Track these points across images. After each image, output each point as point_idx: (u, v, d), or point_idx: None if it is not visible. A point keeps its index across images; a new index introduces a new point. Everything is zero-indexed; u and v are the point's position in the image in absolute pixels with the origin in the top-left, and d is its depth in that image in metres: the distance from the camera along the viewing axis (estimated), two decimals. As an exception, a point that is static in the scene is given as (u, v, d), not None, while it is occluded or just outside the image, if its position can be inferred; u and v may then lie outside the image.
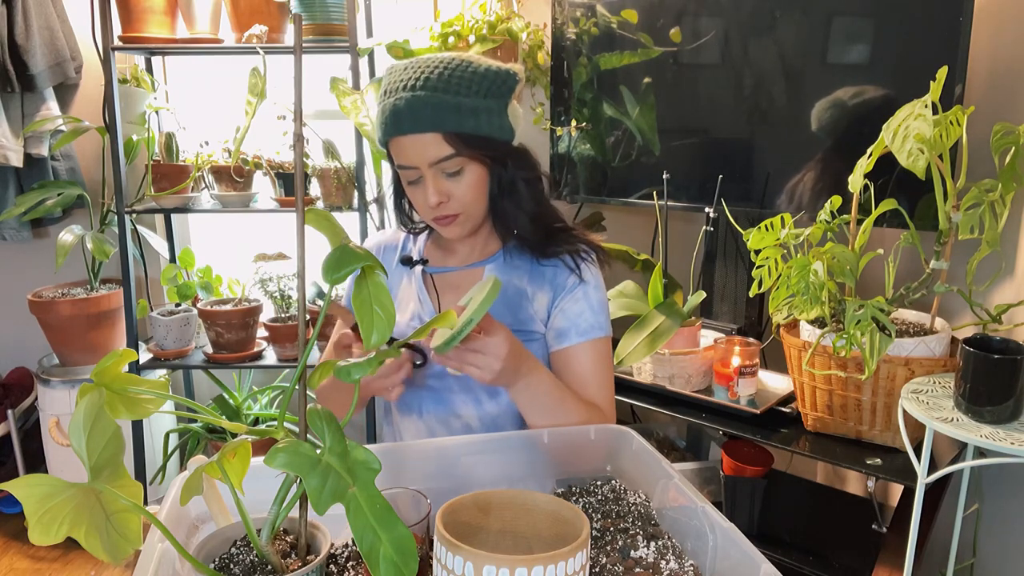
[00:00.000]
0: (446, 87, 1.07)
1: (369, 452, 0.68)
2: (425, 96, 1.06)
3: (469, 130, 1.08)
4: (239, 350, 2.24)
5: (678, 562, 0.85)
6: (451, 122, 1.07)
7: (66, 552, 2.28)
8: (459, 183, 1.11)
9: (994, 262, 1.45)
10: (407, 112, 1.07)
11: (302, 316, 0.73)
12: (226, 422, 0.76)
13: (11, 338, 2.55)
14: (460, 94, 1.07)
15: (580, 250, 1.23)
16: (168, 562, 0.77)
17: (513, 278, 1.22)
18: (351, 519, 0.63)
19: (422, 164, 1.09)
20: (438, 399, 1.22)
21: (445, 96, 1.06)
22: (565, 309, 1.20)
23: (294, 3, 2.10)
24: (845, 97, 1.61)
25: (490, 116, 1.09)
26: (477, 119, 1.08)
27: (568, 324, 1.19)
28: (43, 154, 2.29)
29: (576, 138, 2.10)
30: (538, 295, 1.21)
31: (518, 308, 1.21)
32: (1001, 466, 1.42)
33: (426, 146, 1.08)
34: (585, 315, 1.19)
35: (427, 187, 1.11)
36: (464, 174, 1.11)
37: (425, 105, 1.06)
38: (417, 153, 1.09)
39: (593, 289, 1.22)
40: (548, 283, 1.21)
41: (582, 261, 1.22)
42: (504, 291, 1.21)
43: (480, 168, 1.12)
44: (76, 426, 0.64)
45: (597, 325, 1.20)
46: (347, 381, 0.70)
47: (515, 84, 1.12)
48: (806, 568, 1.52)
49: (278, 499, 0.73)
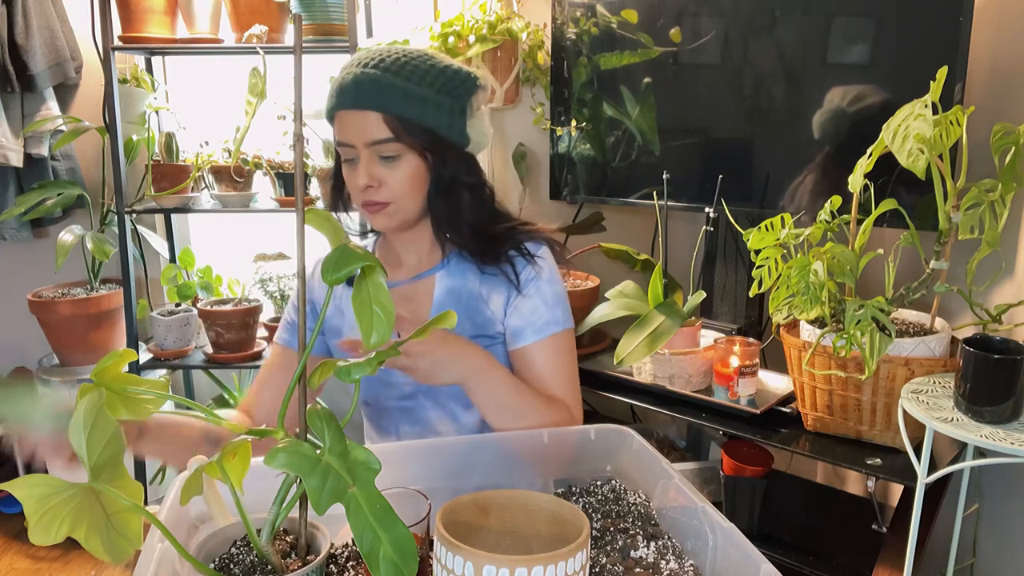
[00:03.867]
0: (398, 71, 1.05)
1: (369, 452, 0.67)
2: (375, 75, 1.05)
3: (412, 117, 1.06)
4: (239, 350, 2.24)
5: (678, 562, 0.85)
6: (395, 105, 1.05)
7: (66, 552, 2.28)
8: (394, 171, 1.09)
9: (994, 262, 1.45)
10: (352, 87, 1.05)
11: (302, 316, 0.73)
12: (226, 422, 0.76)
13: (11, 338, 2.55)
14: (411, 81, 1.05)
15: (524, 252, 1.19)
16: (168, 562, 0.77)
17: (466, 282, 1.19)
18: (351, 519, 0.63)
19: (358, 143, 1.07)
20: (413, 419, 1.21)
21: (395, 79, 1.05)
22: (519, 307, 1.17)
23: (294, 3, 2.10)
24: (845, 97, 1.61)
25: (438, 110, 1.07)
26: (423, 108, 1.06)
27: (523, 323, 1.17)
28: (43, 154, 2.29)
29: (576, 138, 2.10)
30: (492, 296, 1.18)
31: (475, 312, 1.18)
32: (1001, 466, 1.42)
33: (366, 124, 1.06)
34: (539, 311, 1.16)
35: (360, 168, 1.08)
36: (400, 162, 1.08)
37: (372, 83, 1.05)
38: (355, 130, 1.07)
39: (546, 283, 1.18)
40: (501, 282, 1.19)
41: (527, 262, 1.19)
42: (459, 296, 1.19)
43: (417, 160, 1.09)
44: (76, 426, 0.64)
45: (553, 320, 1.17)
46: (347, 381, 0.70)
47: (473, 86, 1.09)
48: (806, 568, 1.52)
49: (278, 499, 0.73)
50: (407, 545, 0.64)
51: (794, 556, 1.55)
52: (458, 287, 1.19)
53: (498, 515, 0.80)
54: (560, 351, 1.18)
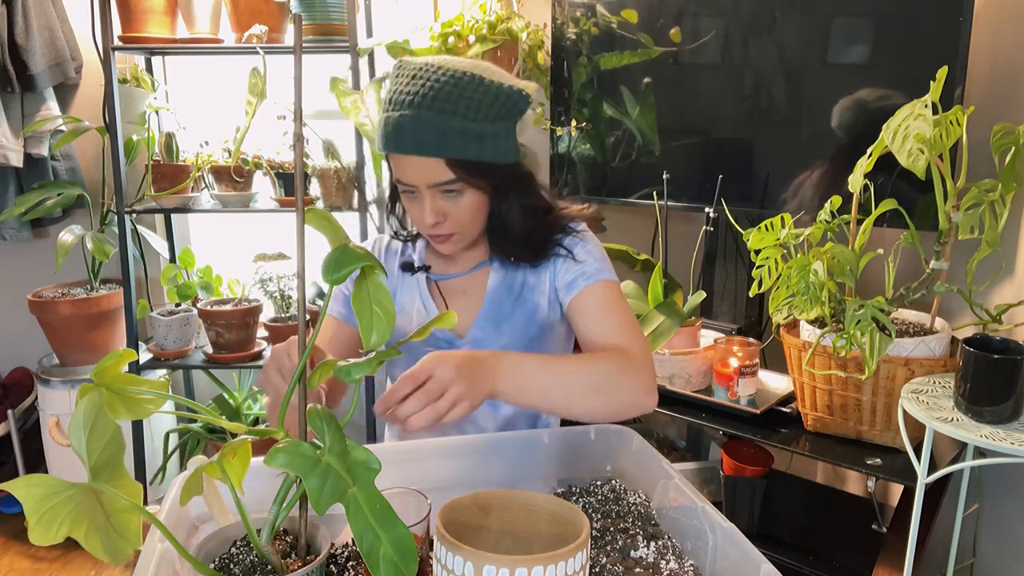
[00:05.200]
0: (454, 108, 1.01)
1: (369, 452, 0.67)
2: (430, 117, 1.01)
3: (472, 157, 1.04)
4: (239, 350, 2.24)
5: (678, 562, 0.85)
6: (455, 148, 1.02)
7: (66, 552, 2.28)
8: (457, 204, 1.08)
9: (994, 262, 1.45)
10: (410, 132, 1.02)
11: (302, 316, 0.73)
12: (226, 422, 0.76)
13: (11, 338, 2.55)
14: (467, 118, 1.02)
15: (568, 231, 1.20)
16: (168, 562, 0.77)
17: (519, 270, 1.21)
18: (351, 519, 0.63)
19: (420, 184, 1.06)
20: None
21: (451, 120, 1.01)
22: (568, 266, 1.17)
23: (294, 3, 2.10)
24: (845, 97, 1.61)
25: (496, 141, 1.05)
26: (482, 145, 1.03)
27: (574, 275, 1.16)
28: (43, 154, 2.29)
29: (576, 138, 2.10)
30: (543, 276, 1.20)
31: (527, 301, 1.20)
32: (1001, 466, 1.42)
33: (427, 168, 1.04)
34: (589, 262, 1.17)
35: (424, 205, 1.08)
36: (463, 196, 1.08)
37: (428, 127, 1.01)
38: (417, 174, 1.06)
39: (592, 244, 1.20)
40: (550, 262, 1.20)
41: (573, 238, 1.20)
42: (511, 286, 1.20)
43: (480, 193, 1.09)
44: (76, 426, 0.64)
45: (604, 269, 1.17)
46: (347, 381, 0.70)
47: (526, 106, 1.07)
48: (806, 568, 1.52)
49: (278, 499, 0.73)
50: (407, 545, 0.63)
51: (794, 556, 1.55)
52: (510, 277, 1.20)
53: (498, 515, 0.80)
54: (614, 297, 1.16)
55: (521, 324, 1.19)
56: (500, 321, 1.19)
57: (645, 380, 1.05)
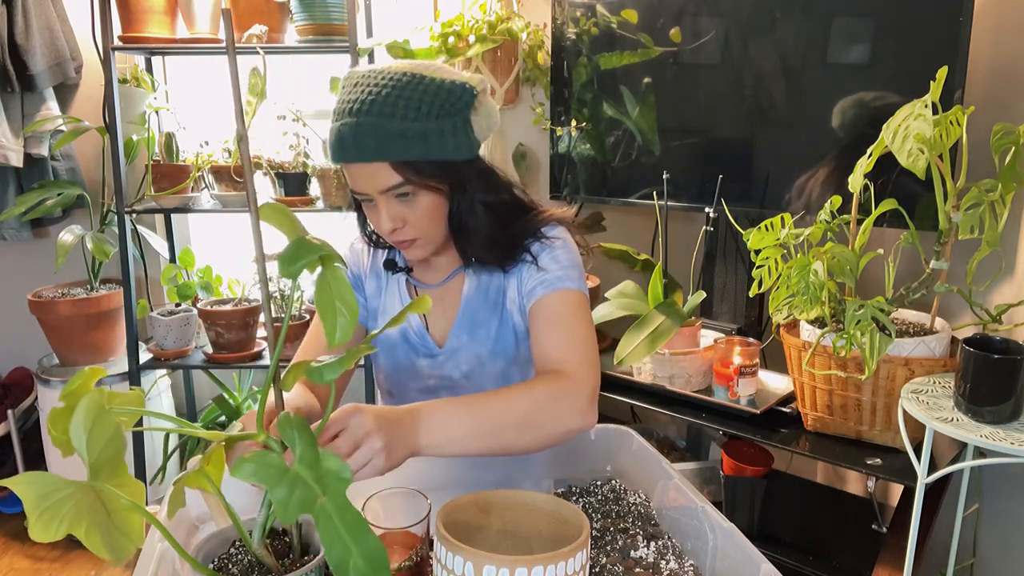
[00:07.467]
0: (392, 111, 1.00)
1: (340, 462, 0.65)
2: (368, 123, 1.00)
3: (418, 157, 1.02)
4: (239, 350, 2.24)
5: (678, 562, 0.85)
6: (396, 150, 1.01)
7: (66, 552, 2.28)
8: (413, 208, 1.07)
9: (994, 262, 1.45)
10: (351, 140, 1.01)
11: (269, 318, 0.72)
12: (202, 431, 0.73)
13: (11, 338, 2.55)
14: (407, 118, 1.00)
15: (540, 236, 1.17)
16: (168, 562, 0.77)
17: (492, 274, 1.19)
18: (320, 530, 0.61)
19: (372, 191, 1.05)
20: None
21: (390, 122, 1.00)
22: (532, 273, 1.15)
23: (294, 3, 2.10)
24: (845, 97, 1.61)
25: (442, 138, 1.03)
26: (427, 144, 1.02)
27: (536, 281, 1.14)
28: (43, 154, 2.30)
29: (576, 138, 2.10)
30: (511, 283, 1.18)
31: (502, 308, 1.19)
32: (1001, 466, 1.42)
33: (374, 175, 1.03)
34: (552, 269, 1.14)
35: (380, 212, 1.07)
36: (418, 199, 1.06)
37: (369, 133, 1.00)
38: (366, 182, 1.05)
39: (560, 250, 1.16)
40: (522, 267, 1.18)
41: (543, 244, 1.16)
42: (485, 291, 1.19)
43: (435, 195, 1.07)
44: (76, 426, 0.64)
45: (567, 278, 1.13)
46: (319, 383, 0.68)
47: (471, 99, 1.05)
48: (806, 568, 1.52)
49: (265, 502, 0.72)
50: (379, 557, 0.61)
51: (794, 556, 1.55)
52: (485, 283, 1.20)
53: (498, 515, 0.80)
54: (569, 309, 1.11)
55: (496, 331, 1.18)
56: (476, 328, 1.18)
57: (580, 404, 1.00)
